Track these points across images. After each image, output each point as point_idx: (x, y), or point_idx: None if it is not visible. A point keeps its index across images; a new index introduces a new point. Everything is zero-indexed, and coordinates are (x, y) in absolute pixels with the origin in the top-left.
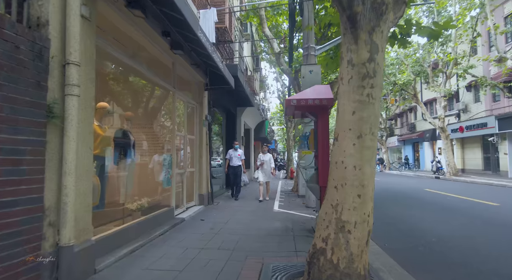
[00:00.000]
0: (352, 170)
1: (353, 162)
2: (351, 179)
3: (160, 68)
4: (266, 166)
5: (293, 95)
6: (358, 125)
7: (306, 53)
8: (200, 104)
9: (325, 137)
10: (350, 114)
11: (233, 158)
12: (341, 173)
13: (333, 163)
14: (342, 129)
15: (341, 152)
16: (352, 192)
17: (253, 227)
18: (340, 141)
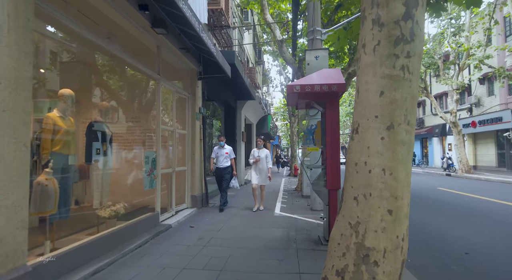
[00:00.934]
0: (380, 174)
1: (381, 164)
2: (379, 187)
3: (142, 51)
4: (261, 165)
5: (296, 81)
6: (389, 111)
7: (312, 37)
8: (192, 95)
9: (335, 131)
10: (377, 96)
11: (219, 157)
12: (363, 179)
13: (351, 164)
14: (365, 116)
15: (363, 149)
16: (380, 207)
17: (250, 236)
18: (362, 133)
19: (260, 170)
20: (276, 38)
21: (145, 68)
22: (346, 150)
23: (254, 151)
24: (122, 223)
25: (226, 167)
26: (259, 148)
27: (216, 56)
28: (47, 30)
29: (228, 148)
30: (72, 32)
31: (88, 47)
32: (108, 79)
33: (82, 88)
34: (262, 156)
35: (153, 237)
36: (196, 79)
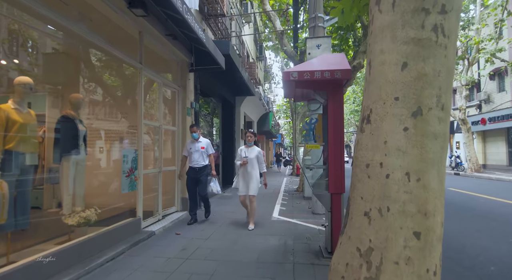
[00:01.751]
0: (403, 181)
1: (404, 165)
2: (401, 199)
3: (120, 37)
4: (250, 167)
5: (294, 67)
6: (415, 91)
7: (313, 24)
8: (183, 88)
9: (338, 125)
10: (397, 70)
11: (193, 154)
12: (379, 187)
13: (360, 166)
14: (381, 99)
15: (378, 145)
16: (403, 227)
17: (241, 246)
18: (377, 123)
19: (248, 175)
20: (276, 29)
21: (124, 56)
22: (351, 149)
23: (241, 150)
24: (94, 232)
25: (203, 167)
26: (248, 146)
27: (206, 44)
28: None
29: (204, 142)
30: (30, 11)
31: (54, 30)
32: (80, 68)
33: (52, 77)
34: (252, 157)
35: (131, 247)
36: (187, 71)
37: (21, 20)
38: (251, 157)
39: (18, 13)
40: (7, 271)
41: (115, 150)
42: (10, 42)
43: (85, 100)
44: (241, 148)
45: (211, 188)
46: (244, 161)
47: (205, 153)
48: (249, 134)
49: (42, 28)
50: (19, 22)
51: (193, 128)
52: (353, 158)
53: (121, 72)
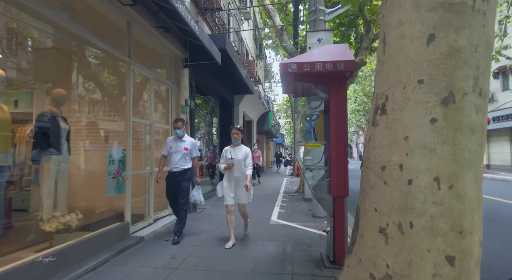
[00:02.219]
0: (430, 187)
1: (432, 168)
2: (428, 212)
3: (106, 28)
4: (237, 172)
5: (292, 58)
6: (445, 70)
7: (314, 17)
8: (177, 85)
9: (341, 122)
10: (422, 44)
11: (174, 155)
12: (398, 196)
13: (372, 168)
14: (399, 82)
15: (396, 142)
16: (431, 249)
17: (236, 253)
18: (395, 113)
19: (236, 181)
20: (276, 25)
21: (111, 48)
22: (351, 149)
23: (225, 151)
24: (77, 238)
25: (184, 171)
26: (234, 145)
27: (200, 36)
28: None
29: (189, 141)
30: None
31: (33, 20)
32: (62, 62)
33: (27, 69)
34: (239, 158)
35: (116, 254)
36: (182, 67)
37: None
38: (238, 159)
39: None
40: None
41: (101, 150)
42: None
43: (68, 96)
44: (226, 148)
45: (193, 197)
46: (229, 164)
47: (188, 155)
48: (234, 130)
49: (17, 17)
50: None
51: (177, 124)
52: (363, 160)
53: (108, 66)
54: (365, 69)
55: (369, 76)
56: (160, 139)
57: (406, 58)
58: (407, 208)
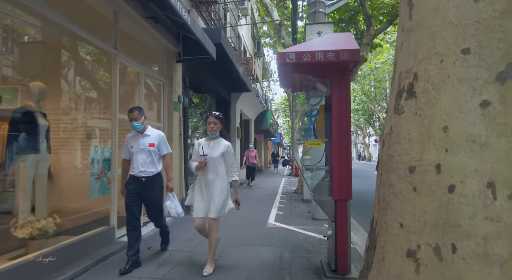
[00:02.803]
0: (482, 197)
1: (484, 170)
2: (480, 231)
3: (89, 17)
4: (211, 173)
5: (291, 47)
6: (500, 34)
7: (313, 10)
8: (169, 80)
9: (344, 117)
10: (467, 0)
11: (136, 156)
12: (433, 208)
13: (396, 169)
14: (435, 53)
15: (430, 133)
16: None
17: (229, 260)
18: (426, 94)
19: (209, 185)
20: (274, 20)
21: (95, 39)
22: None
23: (198, 144)
24: (55, 244)
25: (154, 178)
26: (211, 138)
27: (192, 28)
28: None
29: (154, 135)
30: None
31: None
32: (41, 53)
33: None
34: (215, 155)
35: (98, 262)
36: (174, 62)
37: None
38: (214, 156)
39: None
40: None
41: (85, 149)
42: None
43: (47, 91)
44: (200, 141)
45: (167, 209)
46: (201, 162)
47: (156, 153)
48: (211, 118)
49: None
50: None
51: (133, 114)
52: (379, 159)
53: (92, 58)
54: (364, 68)
55: (368, 75)
56: None
57: (444, 20)
58: (447, 225)
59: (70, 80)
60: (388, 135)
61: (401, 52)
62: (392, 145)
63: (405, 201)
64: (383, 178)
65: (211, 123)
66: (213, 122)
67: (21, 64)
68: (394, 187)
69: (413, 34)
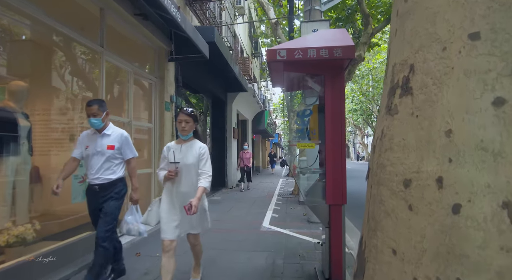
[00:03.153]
0: (496, 220)
1: (497, 185)
2: (492, 264)
3: (75, 14)
4: (184, 184)
5: (282, 44)
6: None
7: (309, 7)
8: (160, 80)
9: (338, 118)
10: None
11: (92, 159)
12: (433, 232)
13: (389, 182)
14: (436, 40)
15: (429, 138)
16: None
17: (219, 267)
18: (426, 90)
19: (182, 198)
20: (270, 18)
21: (79, 37)
22: (348, 149)
23: (167, 149)
24: (35, 252)
25: (109, 185)
26: (183, 140)
27: (183, 25)
28: None
29: (115, 135)
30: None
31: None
32: (24, 52)
33: None
34: (189, 162)
35: (80, 270)
36: (166, 61)
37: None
38: (187, 163)
39: None
40: None
41: (69, 150)
42: None
43: (29, 90)
44: (169, 145)
45: (126, 226)
46: (171, 171)
47: (116, 157)
48: (182, 116)
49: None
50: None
51: (91, 108)
52: (369, 168)
53: (77, 56)
54: (362, 68)
55: (366, 75)
56: (143, 138)
57: (447, 1)
58: (452, 255)
59: (53, 80)
60: (379, 140)
61: (395, 41)
62: (383, 153)
63: (399, 222)
64: (373, 192)
65: (182, 122)
66: (184, 120)
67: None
68: (385, 204)
69: (410, 18)
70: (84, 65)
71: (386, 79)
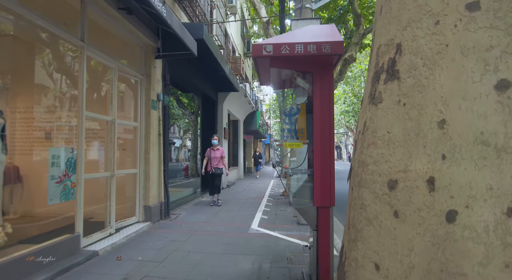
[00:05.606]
0: (498, 230)
1: (502, 187)
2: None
3: (53, 5)
4: None
5: (268, 39)
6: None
7: (300, 5)
8: (147, 77)
9: (326, 117)
10: None
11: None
12: (422, 244)
13: (371, 183)
14: (428, 12)
15: (419, 130)
16: None
17: (203, 271)
18: (415, 73)
19: None
20: (261, 17)
21: (58, 29)
22: (341, 150)
23: None
24: (10, 255)
25: None
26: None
27: (168, 20)
28: None
29: None
30: None
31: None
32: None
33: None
34: None
35: (56, 275)
36: (153, 58)
37: None
38: None
39: None
40: None
41: (45, 150)
42: None
43: (1, 86)
44: None
45: None
46: None
47: None
48: None
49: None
50: None
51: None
52: (351, 167)
53: (55, 50)
54: (354, 69)
55: (358, 77)
56: (128, 137)
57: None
58: (445, 273)
59: (27, 75)
60: (361, 134)
61: (380, 19)
62: (365, 148)
63: (383, 231)
64: (354, 195)
65: None
66: None
67: None
68: (367, 210)
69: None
70: (63, 60)
71: (370, 64)
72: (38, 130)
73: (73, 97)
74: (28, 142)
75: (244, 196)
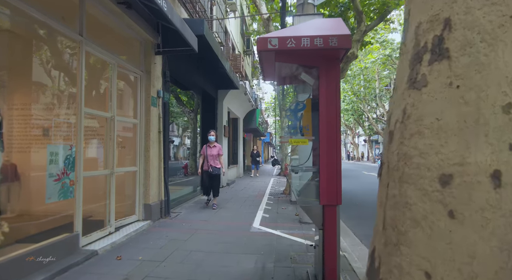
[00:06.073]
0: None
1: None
2: None
3: (51, 0)
4: None
5: (273, 32)
6: None
7: (302, 1)
8: (147, 74)
9: (333, 112)
10: None
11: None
12: (485, 249)
13: (417, 178)
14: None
15: (478, 116)
16: None
17: (206, 271)
18: (468, 51)
19: None
20: (261, 13)
21: (55, 23)
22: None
23: None
24: (7, 255)
25: None
26: None
27: (169, 15)
28: None
29: None
30: None
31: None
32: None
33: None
34: None
35: (54, 276)
36: (153, 54)
37: None
38: None
39: None
40: None
41: (43, 147)
42: None
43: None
44: None
45: None
46: None
47: None
48: None
49: None
50: None
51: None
52: (383, 162)
53: (53, 45)
54: (354, 68)
55: (358, 75)
56: (127, 135)
57: None
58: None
59: (24, 71)
60: (400, 123)
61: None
62: (407, 139)
63: (435, 235)
64: (393, 192)
65: None
66: None
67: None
68: (413, 209)
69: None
70: (61, 55)
71: (405, 46)
72: (36, 127)
73: (71, 94)
74: (25, 139)
75: (244, 194)
